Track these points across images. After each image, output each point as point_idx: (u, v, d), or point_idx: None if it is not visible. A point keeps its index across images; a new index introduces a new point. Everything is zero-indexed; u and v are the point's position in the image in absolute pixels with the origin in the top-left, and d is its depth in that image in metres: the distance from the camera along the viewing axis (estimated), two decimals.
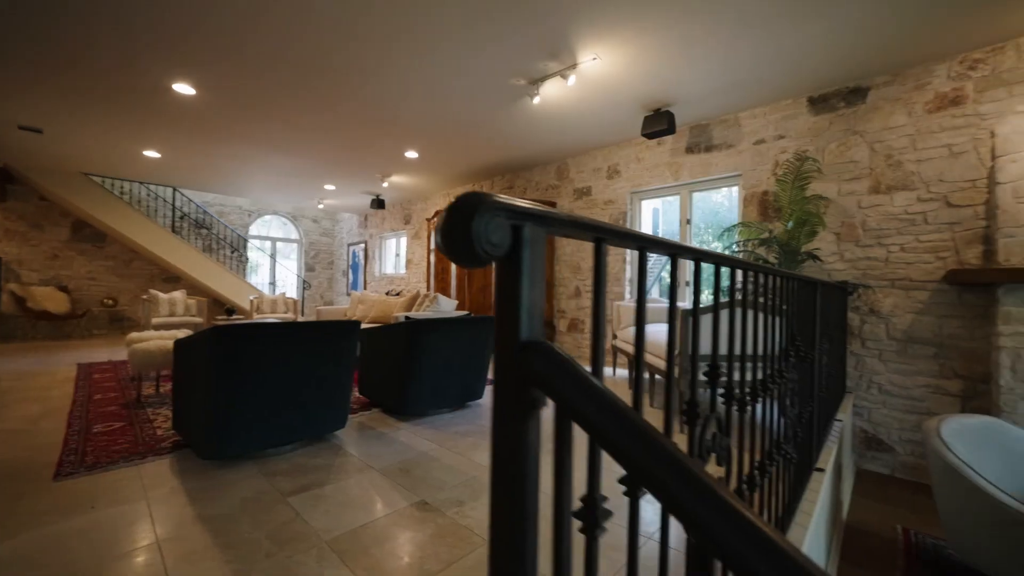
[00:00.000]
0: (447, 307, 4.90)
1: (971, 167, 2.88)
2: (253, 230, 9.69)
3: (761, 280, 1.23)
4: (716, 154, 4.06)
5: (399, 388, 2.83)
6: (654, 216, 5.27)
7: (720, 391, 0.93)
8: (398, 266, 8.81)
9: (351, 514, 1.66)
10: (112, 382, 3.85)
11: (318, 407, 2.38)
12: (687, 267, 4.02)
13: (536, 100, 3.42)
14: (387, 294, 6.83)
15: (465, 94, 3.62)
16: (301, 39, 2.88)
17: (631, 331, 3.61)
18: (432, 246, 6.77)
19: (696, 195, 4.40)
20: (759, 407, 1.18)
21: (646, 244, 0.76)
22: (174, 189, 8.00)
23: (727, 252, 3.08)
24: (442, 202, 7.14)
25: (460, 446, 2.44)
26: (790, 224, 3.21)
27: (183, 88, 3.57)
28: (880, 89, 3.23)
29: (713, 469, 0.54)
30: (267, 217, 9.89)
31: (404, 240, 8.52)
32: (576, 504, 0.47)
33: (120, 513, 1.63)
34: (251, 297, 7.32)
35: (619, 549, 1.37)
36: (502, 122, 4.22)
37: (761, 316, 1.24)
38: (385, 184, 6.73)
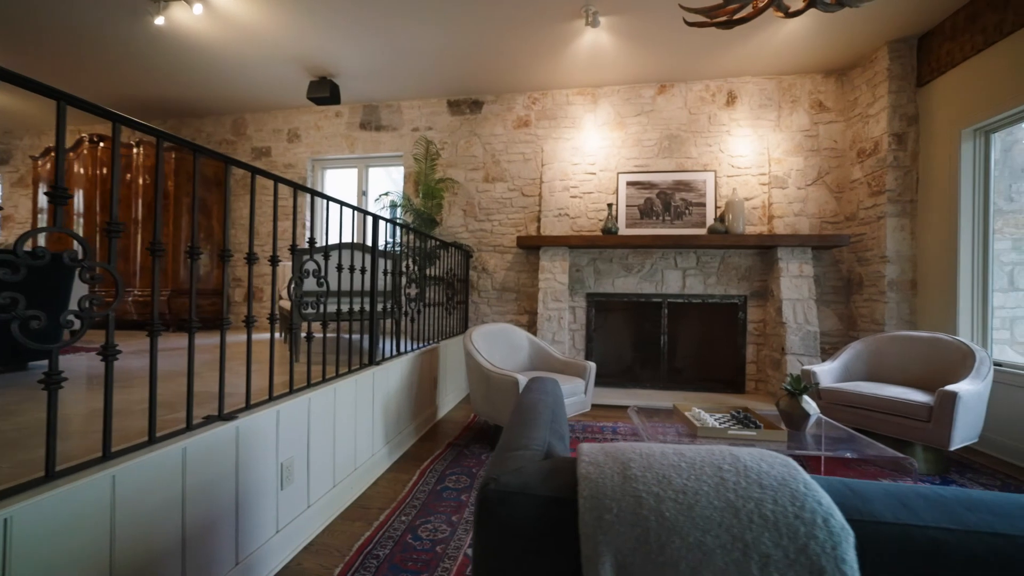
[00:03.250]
0: None
1: (533, 169, 4.26)
2: None
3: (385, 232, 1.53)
4: (384, 134, 4.58)
5: None
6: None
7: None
8: None
9: None
10: None
11: None
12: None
13: (160, 21, 3.03)
14: None
15: None
16: None
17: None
18: (45, 202, 4.98)
19: (373, 170, 4.84)
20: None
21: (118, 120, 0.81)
22: None
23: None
24: (67, 139, 5.34)
25: None
26: (421, 197, 3.95)
27: None
28: (490, 105, 4.37)
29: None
30: None
31: None
32: None
33: None
34: None
35: None
36: (130, 40, 3.52)
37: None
38: None
